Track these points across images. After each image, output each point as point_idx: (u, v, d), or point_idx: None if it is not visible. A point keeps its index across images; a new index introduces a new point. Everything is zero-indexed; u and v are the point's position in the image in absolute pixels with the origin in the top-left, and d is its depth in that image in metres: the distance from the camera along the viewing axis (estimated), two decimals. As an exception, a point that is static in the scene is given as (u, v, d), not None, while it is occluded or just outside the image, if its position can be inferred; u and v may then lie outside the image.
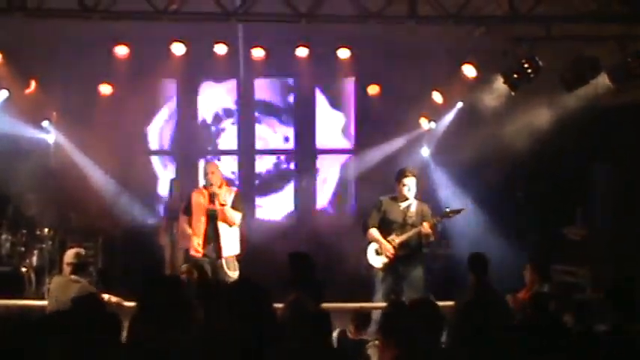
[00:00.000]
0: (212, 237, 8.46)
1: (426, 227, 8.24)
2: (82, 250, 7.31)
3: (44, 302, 7.61)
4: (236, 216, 8.50)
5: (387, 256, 8.30)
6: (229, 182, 8.94)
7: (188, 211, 8.69)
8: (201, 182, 9.02)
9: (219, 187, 8.51)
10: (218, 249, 8.42)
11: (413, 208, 8.41)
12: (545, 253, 9.03)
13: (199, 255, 8.45)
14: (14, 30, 9.00)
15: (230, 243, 8.50)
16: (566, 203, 10.60)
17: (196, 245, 8.47)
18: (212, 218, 8.48)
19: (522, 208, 11.05)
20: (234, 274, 8.42)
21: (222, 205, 8.39)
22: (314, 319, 4.73)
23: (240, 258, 8.63)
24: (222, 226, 8.46)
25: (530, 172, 11.08)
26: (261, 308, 4.64)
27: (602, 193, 10.62)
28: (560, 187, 10.64)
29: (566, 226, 10.45)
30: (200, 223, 8.52)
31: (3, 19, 8.03)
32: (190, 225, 8.61)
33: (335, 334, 5.87)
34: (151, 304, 4.58)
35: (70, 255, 7.19)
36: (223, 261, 8.41)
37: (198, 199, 8.60)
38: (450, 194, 11.10)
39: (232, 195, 8.58)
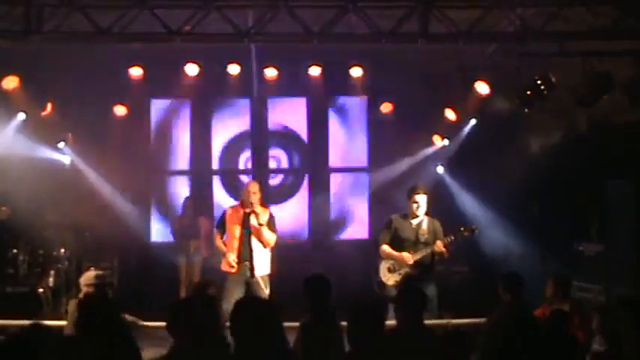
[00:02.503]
0: (246, 255, 8.48)
1: (439, 245, 8.23)
2: (100, 272, 7.39)
3: (61, 322, 7.65)
4: (271, 237, 8.52)
5: (407, 266, 8.26)
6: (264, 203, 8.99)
7: (221, 227, 8.72)
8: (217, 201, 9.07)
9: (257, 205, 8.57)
10: (251, 268, 8.45)
11: (424, 226, 8.40)
12: (568, 270, 8.96)
13: (233, 271, 8.48)
14: (30, 53, 9.10)
15: (263, 262, 8.52)
16: (581, 219, 10.54)
17: (231, 261, 8.46)
18: (247, 237, 8.51)
19: (537, 223, 11.00)
20: (267, 291, 8.45)
21: (261, 225, 8.42)
22: None
23: (271, 277, 8.68)
24: (255, 246, 8.48)
25: (545, 187, 11.05)
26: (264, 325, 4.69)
27: (618, 209, 10.55)
28: (576, 203, 10.59)
29: (582, 242, 10.40)
30: (235, 239, 8.54)
31: (20, 43, 8.13)
32: (224, 242, 8.65)
33: None
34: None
35: (89, 277, 7.25)
36: (259, 279, 8.43)
37: (234, 217, 8.62)
38: (464, 211, 11.09)
39: (267, 216, 8.60)
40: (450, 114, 11.29)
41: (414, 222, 8.43)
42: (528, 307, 6.70)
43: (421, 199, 8.39)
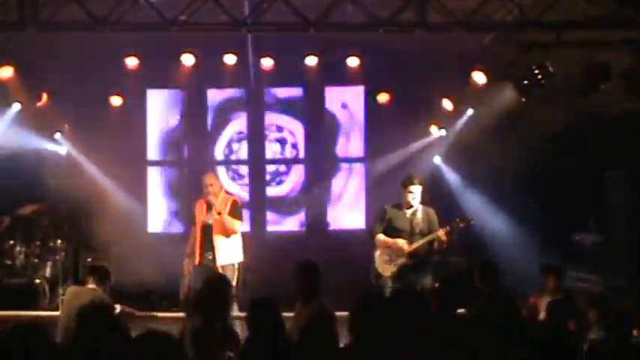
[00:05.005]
0: (208, 246, 8.71)
1: (442, 234, 8.22)
2: (105, 264, 7.49)
3: (57, 313, 7.65)
4: (235, 223, 8.68)
5: (404, 254, 8.26)
6: (227, 191, 9.36)
7: (193, 221, 9.05)
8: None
9: (216, 196, 8.73)
10: (213, 258, 8.61)
11: (419, 215, 8.41)
12: (566, 261, 9.01)
13: (196, 264, 8.75)
14: (25, 43, 9.05)
15: (226, 252, 8.72)
16: (579, 210, 10.55)
17: (194, 254, 8.79)
18: (207, 228, 8.76)
19: (535, 214, 11.00)
20: (232, 282, 8.55)
21: (219, 213, 8.58)
22: None
23: (245, 266, 8.90)
24: (217, 236, 8.64)
25: (543, 178, 11.04)
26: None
27: (615, 200, 10.57)
28: (573, 194, 10.59)
29: (580, 232, 10.41)
30: (197, 232, 8.86)
31: (14, 33, 8.08)
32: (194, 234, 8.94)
33: None
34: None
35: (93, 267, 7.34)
36: (219, 269, 8.56)
37: (198, 210, 8.94)
38: (460, 202, 11.09)
39: (229, 204, 8.74)
40: (447, 104, 11.26)
41: (409, 212, 8.43)
42: (508, 296, 6.71)
43: (416, 190, 8.39)
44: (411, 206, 8.41)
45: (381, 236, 8.43)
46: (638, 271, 9.59)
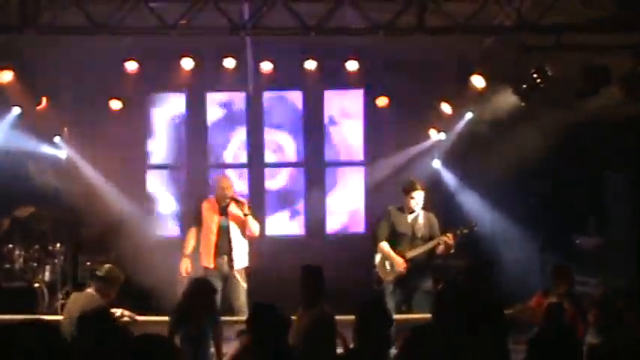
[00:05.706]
0: (224, 249, 8.48)
1: (450, 237, 8.19)
2: (115, 268, 7.48)
3: (57, 317, 7.64)
4: (257, 226, 8.57)
5: (399, 271, 8.26)
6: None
7: (198, 221, 8.70)
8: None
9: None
10: (230, 261, 8.46)
11: (421, 220, 8.40)
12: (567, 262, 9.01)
13: (211, 267, 8.49)
14: (25, 47, 9.07)
15: (242, 255, 8.56)
16: (579, 212, 10.55)
17: (208, 257, 8.50)
18: (224, 230, 8.50)
19: (535, 217, 10.99)
20: (245, 285, 8.48)
21: (246, 214, 8.44)
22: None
23: (249, 271, 8.72)
24: (235, 238, 8.51)
25: (543, 180, 11.04)
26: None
27: (615, 202, 10.57)
28: (573, 194, 10.59)
29: (580, 235, 10.40)
30: (212, 234, 8.55)
31: (15, 37, 8.09)
32: (201, 237, 8.68)
33: None
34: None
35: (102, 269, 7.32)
36: (236, 273, 8.46)
37: (210, 211, 8.60)
38: (460, 205, 11.09)
39: (245, 206, 8.63)
40: (446, 107, 11.27)
41: (410, 217, 8.42)
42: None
43: (419, 196, 8.38)
44: (413, 211, 8.41)
45: (384, 245, 8.39)
46: (638, 271, 9.58)
